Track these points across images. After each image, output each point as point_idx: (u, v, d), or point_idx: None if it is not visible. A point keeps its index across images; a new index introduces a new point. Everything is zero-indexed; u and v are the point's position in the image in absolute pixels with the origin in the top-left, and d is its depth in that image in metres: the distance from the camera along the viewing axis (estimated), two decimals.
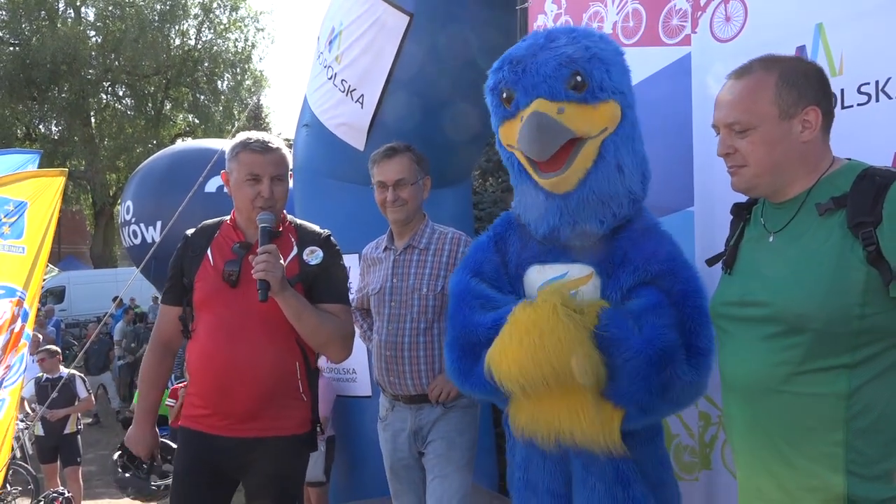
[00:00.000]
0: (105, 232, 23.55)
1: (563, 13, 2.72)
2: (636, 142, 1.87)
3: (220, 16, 23.55)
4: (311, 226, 2.34)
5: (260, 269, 2.01)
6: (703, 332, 1.73)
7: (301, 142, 4.66)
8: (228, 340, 2.13)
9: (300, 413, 2.24)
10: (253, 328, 2.13)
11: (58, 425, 6.16)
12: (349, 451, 4.58)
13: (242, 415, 2.15)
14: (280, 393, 2.17)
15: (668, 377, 1.68)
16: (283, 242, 2.20)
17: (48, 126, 22.71)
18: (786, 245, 1.38)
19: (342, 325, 2.21)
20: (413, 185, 2.48)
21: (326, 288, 2.20)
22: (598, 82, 1.79)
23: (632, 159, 1.84)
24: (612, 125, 1.80)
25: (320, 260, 2.18)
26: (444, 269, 2.47)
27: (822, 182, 1.38)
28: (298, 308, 2.09)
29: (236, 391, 2.13)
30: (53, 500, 5.16)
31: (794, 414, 1.32)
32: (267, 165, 2.16)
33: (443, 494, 2.43)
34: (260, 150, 2.17)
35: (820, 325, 1.28)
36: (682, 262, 1.83)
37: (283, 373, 2.17)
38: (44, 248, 4.31)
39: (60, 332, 14.27)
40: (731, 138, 1.43)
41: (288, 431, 2.19)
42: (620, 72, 1.84)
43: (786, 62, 1.44)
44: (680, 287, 1.76)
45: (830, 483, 1.28)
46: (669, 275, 1.77)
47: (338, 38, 4.04)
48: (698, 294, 1.76)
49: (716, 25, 2.21)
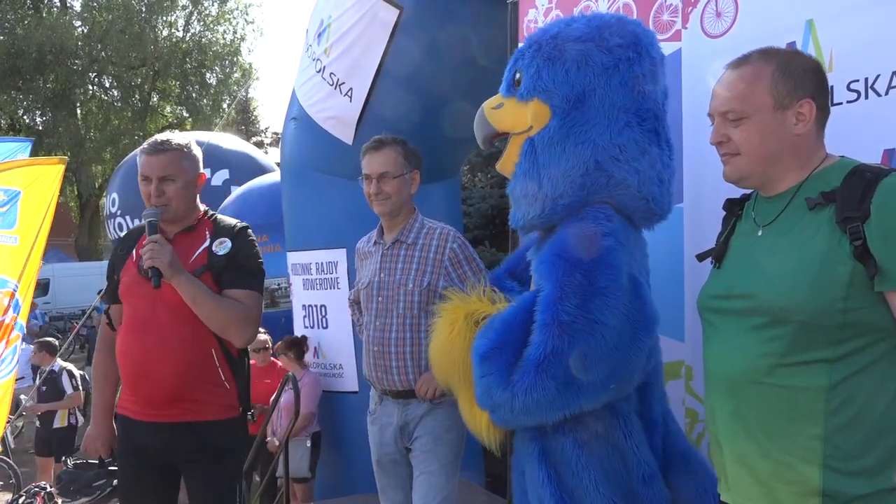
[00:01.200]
0: (90, 224, 23.34)
1: (554, 7, 2.70)
2: (571, 144, 1.77)
3: (208, 7, 23.36)
4: (227, 219, 2.46)
5: (147, 258, 2.19)
6: (534, 343, 1.68)
7: (289, 135, 4.62)
8: (142, 330, 2.28)
9: (223, 399, 2.33)
10: (163, 317, 2.25)
11: (48, 419, 6.09)
12: (335, 447, 4.56)
13: (160, 400, 2.26)
14: (195, 379, 2.26)
15: (486, 385, 1.72)
16: (196, 235, 2.36)
17: (33, 117, 22.45)
18: (774, 238, 1.39)
19: (242, 309, 2.27)
20: (397, 179, 2.46)
21: (231, 275, 2.30)
22: (527, 81, 1.82)
23: (556, 160, 1.78)
24: (537, 124, 1.81)
25: (228, 249, 2.31)
26: (430, 264, 2.45)
27: (813, 177, 1.38)
28: (194, 292, 2.21)
29: (150, 377, 2.25)
30: (35, 494, 5.10)
31: (775, 406, 1.33)
32: (154, 167, 2.30)
33: (428, 491, 2.42)
34: (149, 151, 2.32)
35: (804, 317, 1.28)
36: (562, 264, 1.71)
37: (194, 360, 2.26)
38: (39, 239, 4.26)
39: (45, 325, 14.14)
40: (724, 127, 1.43)
41: (210, 416, 2.28)
42: (559, 71, 1.78)
43: (784, 54, 1.44)
44: (543, 293, 1.72)
45: (806, 476, 1.29)
46: (544, 277, 1.74)
47: (327, 31, 4.01)
48: (551, 303, 1.67)
49: (706, 21, 2.20)
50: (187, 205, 2.36)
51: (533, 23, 2.80)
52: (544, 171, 1.79)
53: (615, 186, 1.79)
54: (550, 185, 1.78)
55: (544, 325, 1.66)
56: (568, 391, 1.66)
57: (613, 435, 1.78)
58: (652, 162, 1.82)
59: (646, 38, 1.85)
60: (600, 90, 1.77)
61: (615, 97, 1.78)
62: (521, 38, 2.86)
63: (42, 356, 6.31)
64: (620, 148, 1.78)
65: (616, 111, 1.78)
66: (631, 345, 1.69)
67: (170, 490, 2.38)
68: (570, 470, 1.78)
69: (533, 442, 1.83)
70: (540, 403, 1.66)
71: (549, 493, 1.76)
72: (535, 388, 1.65)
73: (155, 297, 2.25)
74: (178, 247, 2.31)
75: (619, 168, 1.78)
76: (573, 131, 1.78)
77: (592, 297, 1.64)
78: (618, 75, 1.77)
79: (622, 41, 1.79)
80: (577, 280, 1.66)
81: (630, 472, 1.77)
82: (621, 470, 1.77)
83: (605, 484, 1.74)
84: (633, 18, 2.01)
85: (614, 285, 1.67)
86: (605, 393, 1.71)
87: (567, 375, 1.64)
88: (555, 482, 1.77)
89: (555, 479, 1.78)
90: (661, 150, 1.85)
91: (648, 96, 1.82)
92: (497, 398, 1.70)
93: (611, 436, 1.78)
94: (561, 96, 1.78)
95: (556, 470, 1.79)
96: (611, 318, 1.65)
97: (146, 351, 2.27)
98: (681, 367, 2.29)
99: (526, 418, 1.72)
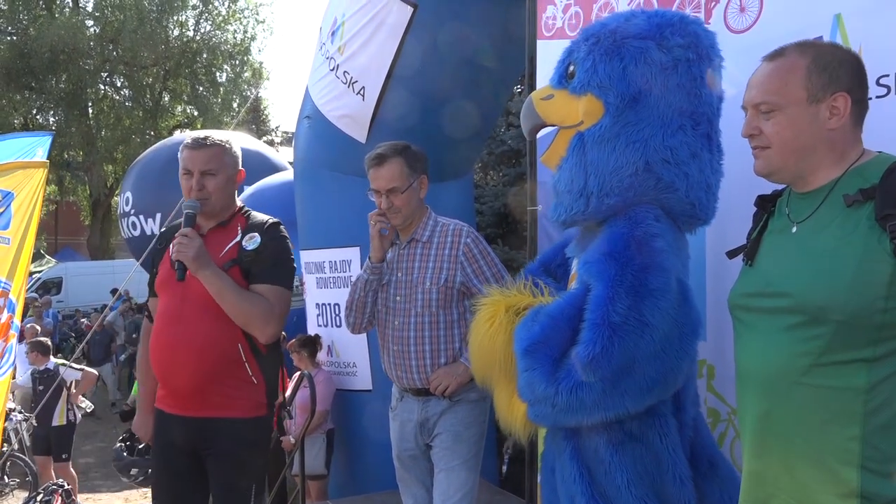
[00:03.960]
0: (102, 223, 23.45)
1: (573, 3, 2.68)
2: (622, 143, 1.74)
3: (218, 7, 23.39)
4: (260, 216, 2.48)
5: (174, 251, 2.24)
6: (583, 342, 1.64)
7: (302, 134, 4.62)
8: (170, 323, 2.32)
9: (251, 395, 2.33)
10: (191, 311, 2.29)
11: (46, 417, 6.04)
12: (349, 445, 4.56)
13: (187, 394, 2.30)
14: (222, 374, 2.28)
15: (528, 379, 1.70)
16: (229, 230, 2.39)
17: (45, 116, 22.56)
18: (810, 235, 1.36)
19: (265, 304, 2.28)
20: (406, 192, 2.44)
21: (258, 270, 2.32)
22: (581, 74, 1.77)
23: (606, 158, 1.74)
24: (588, 120, 1.76)
25: (257, 245, 2.33)
26: (446, 261, 2.45)
27: (851, 173, 1.35)
28: (219, 286, 2.23)
29: (176, 371, 2.29)
30: (53, 492, 5.12)
31: (811, 407, 1.30)
32: (196, 161, 2.34)
33: (448, 488, 2.43)
34: (192, 146, 2.38)
35: (842, 316, 1.26)
36: (614, 264, 1.67)
37: (221, 354, 2.27)
38: (27, 240, 4.29)
39: (58, 324, 14.23)
40: (756, 119, 1.41)
41: (238, 413, 2.29)
42: (616, 67, 1.73)
43: (822, 47, 1.42)
44: (594, 292, 1.68)
45: (844, 478, 1.26)
46: (593, 276, 1.71)
47: (340, 29, 4.00)
48: (602, 303, 1.64)
49: (730, 16, 2.17)
50: (225, 200, 2.40)
51: (552, 19, 2.77)
52: (591, 167, 1.75)
53: (663, 189, 1.76)
54: (597, 183, 1.75)
55: (594, 325, 1.62)
56: (614, 393, 1.63)
57: (648, 436, 1.75)
58: (701, 167, 1.78)
59: (707, 39, 1.79)
60: (657, 90, 1.72)
61: (671, 98, 1.73)
62: (540, 34, 2.84)
63: (35, 356, 6.28)
64: (672, 150, 1.74)
65: (671, 113, 1.73)
66: (678, 349, 1.67)
67: (198, 483, 2.38)
68: (602, 469, 1.76)
69: (565, 440, 1.81)
70: (584, 403, 1.64)
71: (581, 491, 1.75)
72: (580, 386, 1.63)
73: (184, 291, 2.28)
74: (211, 241, 2.35)
75: (669, 171, 1.74)
76: (625, 130, 1.73)
77: (644, 298, 1.61)
78: (676, 76, 1.72)
79: (683, 41, 1.73)
80: (628, 281, 1.63)
81: (663, 474, 1.75)
82: (654, 471, 1.75)
83: (637, 484, 1.72)
84: (695, 17, 1.94)
85: (665, 287, 1.64)
86: (649, 396, 1.68)
87: (614, 377, 1.62)
88: (586, 480, 1.75)
89: (587, 477, 1.76)
90: (711, 155, 1.81)
91: (704, 100, 1.77)
92: (540, 393, 1.68)
93: (646, 436, 1.75)
94: (616, 93, 1.73)
95: (589, 468, 1.78)
96: (660, 321, 1.62)
97: (173, 344, 2.30)
98: (702, 366, 2.27)
99: (566, 417, 1.69)
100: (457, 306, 2.47)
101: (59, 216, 27.34)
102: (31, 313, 12.64)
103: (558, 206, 1.86)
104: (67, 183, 23.76)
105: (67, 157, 21.72)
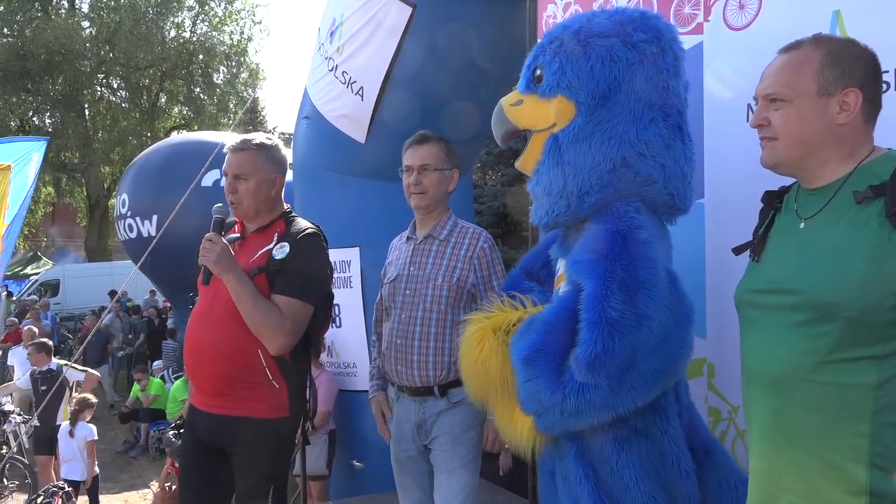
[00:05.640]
0: (100, 225, 23.41)
1: (574, 2, 2.68)
2: (597, 141, 1.76)
3: (215, 8, 23.38)
4: (300, 224, 2.42)
5: (200, 255, 2.28)
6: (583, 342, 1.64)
7: (301, 134, 4.62)
8: (200, 322, 2.36)
9: (271, 398, 2.31)
10: (218, 312, 2.30)
11: (51, 416, 6.05)
12: (350, 446, 4.56)
13: (211, 393, 2.34)
14: (242, 376, 2.28)
15: (532, 389, 1.69)
16: (265, 236, 2.37)
17: (42, 118, 22.52)
18: (818, 232, 1.36)
19: (277, 316, 2.24)
20: (437, 172, 2.48)
21: (281, 281, 2.29)
22: (549, 77, 1.80)
23: (582, 157, 1.76)
24: (560, 121, 1.79)
25: (284, 255, 2.29)
26: (461, 261, 2.46)
27: (861, 169, 1.34)
28: (238, 291, 2.24)
29: (202, 370, 2.34)
30: (53, 494, 5.11)
31: (820, 404, 1.30)
32: (231, 164, 2.36)
33: (449, 491, 2.41)
34: (231, 149, 2.39)
35: (853, 313, 1.25)
36: (602, 260, 1.67)
37: (240, 357, 2.28)
38: None
39: (56, 326, 14.20)
40: (766, 110, 1.41)
41: (258, 414, 2.29)
42: (584, 67, 1.76)
43: (837, 41, 1.41)
44: (587, 291, 1.68)
45: (853, 475, 1.26)
46: (583, 275, 1.71)
47: (339, 29, 3.99)
48: (596, 300, 1.64)
49: (729, 13, 2.18)
50: (258, 204, 2.37)
51: (552, 18, 2.78)
52: (569, 168, 1.77)
53: (642, 182, 1.79)
54: (576, 183, 1.77)
55: (592, 323, 1.62)
56: (621, 389, 1.63)
57: (652, 430, 1.76)
58: (676, 157, 1.82)
59: (668, 32, 1.84)
60: (626, 86, 1.75)
61: (641, 93, 1.76)
62: (540, 33, 2.84)
63: (38, 357, 6.29)
64: (646, 144, 1.77)
65: (641, 107, 1.77)
66: (676, 336, 1.68)
67: (222, 480, 2.39)
68: (608, 467, 1.75)
69: (569, 441, 1.80)
70: (593, 403, 1.64)
71: (587, 492, 1.74)
72: (587, 387, 1.63)
73: (214, 292, 2.31)
74: (250, 245, 2.37)
75: (646, 164, 1.78)
76: (599, 128, 1.76)
77: (636, 291, 1.62)
78: (643, 71, 1.76)
79: (646, 36, 1.78)
80: (619, 275, 1.63)
81: (668, 468, 1.76)
82: (659, 466, 1.76)
83: (644, 480, 1.72)
84: (655, 13, 1.98)
85: (655, 278, 1.66)
86: (655, 387, 1.69)
87: (619, 373, 1.62)
88: (592, 481, 1.75)
89: (592, 477, 1.75)
90: (684, 145, 1.85)
91: (672, 91, 1.81)
92: (546, 401, 1.67)
93: (650, 431, 1.76)
94: (586, 93, 1.76)
95: (594, 468, 1.77)
96: (655, 312, 1.63)
97: (199, 344, 2.34)
98: (703, 364, 2.27)
99: (575, 420, 1.69)
100: (465, 308, 2.45)
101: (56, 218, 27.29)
102: (29, 315, 12.63)
103: (538, 209, 1.88)
104: (64, 185, 23.71)
105: (64, 159, 21.65)
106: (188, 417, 2.49)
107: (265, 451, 2.31)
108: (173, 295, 9.79)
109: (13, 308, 15.38)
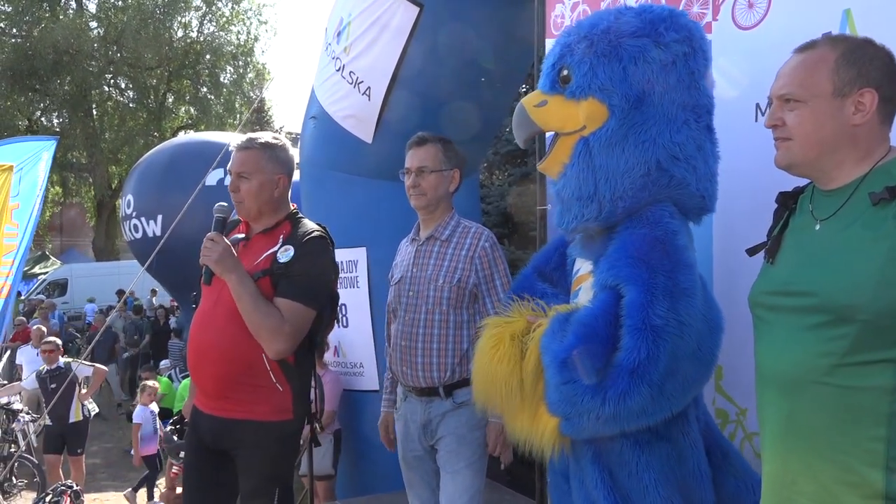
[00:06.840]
0: (107, 224, 23.48)
1: (582, 1, 2.67)
2: (631, 145, 1.72)
3: (222, 8, 23.43)
4: (306, 226, 2.37)
5: (201, 254, 2.26)
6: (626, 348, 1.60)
7: (308, 134, 4.62)
8: (202, 323, 2.34)
9: (275, 399, 2.28)
10: (220, 314, 2.28)
11: (63, 414, 6.10)
12: (356, 446, 4.56)
13: (213, 395, 2.32)
14: (245, 379, 2.26)
15: (569, 392, 1.63)
16: (270, 238, 2.34)
17: (50, 118, 22.63)
18: (834, 233, 1.34)
19: (276, 320, 2.20)
20: (435, 174, 2.47)
21: (284, 284, 2.26)
22: (579, 78, 1.73)
23: (615, 161, 1.72)
24: (591, 124, 1.73)
25: (289, 258, 2.27)
26: (462, 261, 2.45)
27: (877, 171, 1.33)
28: (239, 292, 2.21)
29: (204, 372, 2.33)
30: (62, 493, 5.13)
31: (835, 407, 1.28)
32: (234, 163, 2.35)
33: (454, 492, 2.41)
34: (237, 147, 2.37)
35: (868, 316, 1.23)
36: (644, 266, 1.64)
37: (242, 359, 2.25)
38: None
39: (63, 325, 14.27)
40: (780, 110, 1.39)
41: (262, 416, 2.27)
42: (616, 68, 1.70)
43: (853, 41, 1.39)
44: (629, 297, 1.64)
45: (869, 479, 1.25)
46: (623, 280, 1.67)
47: (346, 29, 4.00)
48: (640, 307, 1.60)
49: (738, 12, 2.16)
50: (260, 204, 2.34)
51: (560, 18, 2.77)
52: (601, 172, 1.72)
53: (676, 186, 1.75)
54: (608, 187, 1.72)
55: (636, 329, 1.58)
56: (661, 397, 1.60)
57: (673, 434, 1.73)
58: (706, 158, 1.78)
59: (697, 31, 1.78)
60: (659, 88, 1.70)
61: (673, 94, 1.71)
62: (548, 32, 2.83)
63: (51, 355, 6.32)
64: (680, 146, 1.73)
65: (675, 109, 1.72)
66: (710, 343, 1.67)
67: (224, 482, 2.37)
68: (626, 471, 1.72)
69: (586, 444, 1.77)
70: (632, 410, 1.60)
71: (603, 496, 1.72)
72: (629, 394, 1.58)
73: (217, 293, 2.29)
74: (255, 246, 2.34)
75: (679, 167, 1.74)
76: (633, 131, 1.71)
77: (679, 298, 1.59)
78: (675, 72, 1.71)
79: (678, 36, 1.72)
80: (661, 283, 1.60)
81: (686, 472, 1.74)
82: (678, 469, 1.73)
83: (664, 484, 1.70)
84: (682, 10, 1.91)
85: (694, 286, 1.63)
86: (687, 396, 1.67)
87: (661, 381, 1.58)
88: (608, 485, 1.72)
89: (608, 481, 1.73)
90: (712, 144, 1.82)
91: (703, 91, 1.77)
92: (583, 405, 1.61)
93: (671, 435, 1.73)
94: (620, 95, 1.70)
95: (611, 472, 1.75)
96: (694, 319, 1.61)
97: (201, 345, 2.32)
98: None
99: (609, 426, 1.64)
100: (467, 308, 2.46)
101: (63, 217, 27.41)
102: (36, 315, 12.69)
103: (566, 213, 1.82)
104: (72, 184, 23.83)
105: (71, 159, 21.77)
106: (192, 419, 2.46)
107: (268, 453, 2.29)
108: (178, 295, 9.82)
109: (21, 307, 15.47)
